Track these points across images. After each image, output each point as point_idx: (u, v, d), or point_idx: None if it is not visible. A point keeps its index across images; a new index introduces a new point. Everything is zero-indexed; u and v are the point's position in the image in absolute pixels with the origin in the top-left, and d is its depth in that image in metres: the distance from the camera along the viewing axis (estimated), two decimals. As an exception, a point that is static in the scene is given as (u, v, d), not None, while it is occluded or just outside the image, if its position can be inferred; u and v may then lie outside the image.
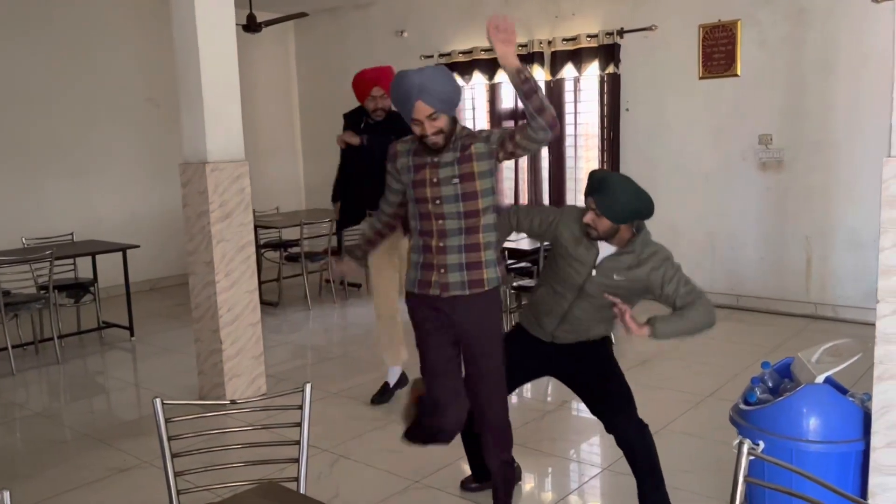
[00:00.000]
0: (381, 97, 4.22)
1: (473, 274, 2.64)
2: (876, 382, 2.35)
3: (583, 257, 2.83)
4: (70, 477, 3.63)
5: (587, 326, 2.93)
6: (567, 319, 2.92)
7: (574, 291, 2.87)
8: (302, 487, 2.03)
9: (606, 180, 2.74)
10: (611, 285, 2.79)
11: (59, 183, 7.28)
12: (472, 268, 2.63)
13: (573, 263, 2.84)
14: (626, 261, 2.81)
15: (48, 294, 5.52)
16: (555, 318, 2.93)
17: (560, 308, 2.90)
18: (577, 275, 2.83)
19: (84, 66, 7.34)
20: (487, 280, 2.68)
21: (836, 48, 5.70)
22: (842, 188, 5.81)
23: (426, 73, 2.58)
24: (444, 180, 2.57)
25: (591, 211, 2.73)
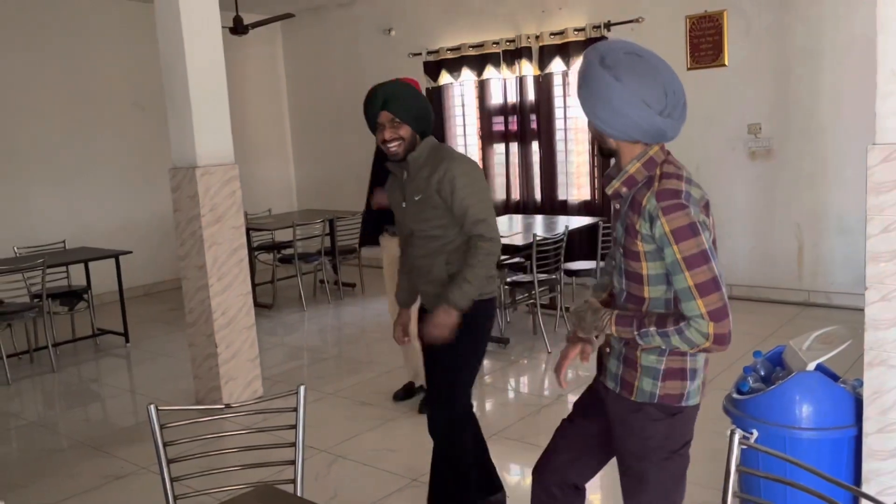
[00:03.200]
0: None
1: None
2: (867, 368, 2.37)
3: (395, 191, 2.82)
4: (66, 485, 3.63)
5: (430, 270, 2.74)
6: (417, 271, 2.81)
7: (406, 229, 2.81)
8: (299, 489, 2.04)
9: (386, 87, 2.71)
10: (419, 210, 2.68)
11: (48, 191, 7.25)
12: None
13: (396, 204, 2.82)
14: (423, 174, 2.67)
15: (42, 302, 5.51)
16: (413, 274, 2.87)
17: (410, 260, 2.84)
18: (401, 215, 2.81)
19: (71, 72, 7.31)
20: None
21: (820, 35, 5.72)
22: (830, 174, 5.84)
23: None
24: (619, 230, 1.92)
25: (387, 125, 2.64)
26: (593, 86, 1.77)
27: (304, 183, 9.50)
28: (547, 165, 7.26)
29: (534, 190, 7.43)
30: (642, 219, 1.75)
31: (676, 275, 1.73)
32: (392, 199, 2.88)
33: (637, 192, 1.80)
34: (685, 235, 1.70)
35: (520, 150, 7.45)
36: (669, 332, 1.75)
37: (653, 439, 1.87)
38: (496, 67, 7.42)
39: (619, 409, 1.91)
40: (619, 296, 1.91)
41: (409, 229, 2.78)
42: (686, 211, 1.71)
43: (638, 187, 1.81)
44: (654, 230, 1.73)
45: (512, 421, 4.10)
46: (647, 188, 1.77)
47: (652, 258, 1.78)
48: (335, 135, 8.89)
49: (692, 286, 1.71)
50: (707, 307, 1.72)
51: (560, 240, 5.32)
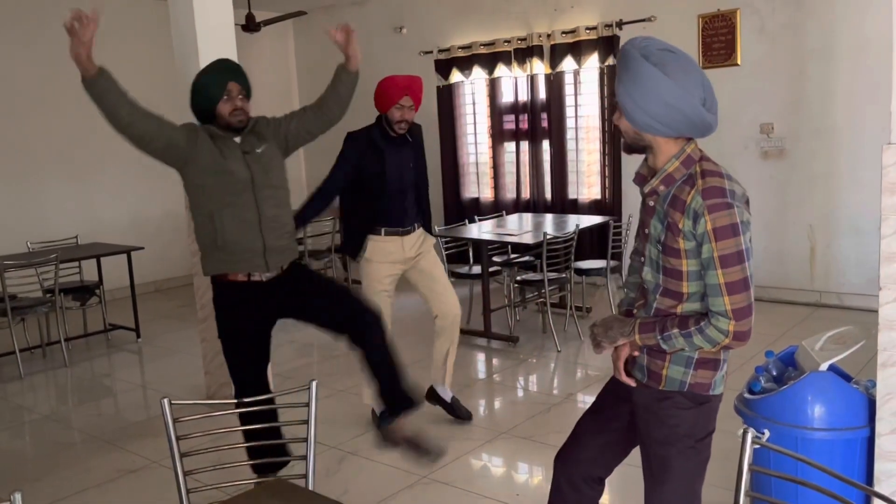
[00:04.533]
0: (410, 108, 3.79)
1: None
2: (880, 369, 2.36)
3: (228, 153, 2.84)
4: (79, 479, 3.66)
5: (287, 221, 2.98)
6: (266, 224, 2.85)
7: (248, 187, 2.84)
8: (310, 484, 2.05)
9: (231, 62, 3.10)
10: (264, 159, 2.89)
11: (62, 187, 7.30)
12: None
13: (226, 164, 2.82)
14: (255, 133, 2.94)
15: (54, 297, 5.55)
16: (255, 231, 2.84)
17: (250, 213, 2.83)
18: (237, 169, 2.82)
19: (84, 69, 7.35)
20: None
21: (835, 35, 5.69)
22: (844, 175, 5.81)
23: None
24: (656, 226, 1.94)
25: (236, 95, 2.89)
26: (645, 83, 1.76)
27: (315, 180, 9.46)
28: (557, 164, 7.24)
29: (544, 189, 7.42)
30: (686, 216, 1.77)
31: (710, 270, 1.77)
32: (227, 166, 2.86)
33: (678, 190, 1.81)
34: (726, 234, 1.74)
35: (530, 148, 7.44)
36: (692, 331, 1.79)
37: (680, 427, 1.89)
38: (507, 66, 7.41)
39: (646, 399, 1.93)
40: (652, 291, 1.92)
41: (251, 182, 2.85)
42: (731, 210, 1.75)
43: (678, 185, 1.82)
44: (696, 227, 1.76)
45: (521, 420, 4.10)
46: (689, 186, 1.79)
47: (692, 255, 1.80)
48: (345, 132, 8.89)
49: (722, 284, 1.75)
50: (732, 305, 1.76)
51: (570, 239, 5.32)
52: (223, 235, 2.82)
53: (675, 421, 1.89)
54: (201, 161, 2.82)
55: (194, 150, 2.81)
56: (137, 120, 2.74)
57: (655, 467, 1.93)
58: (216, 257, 2.88)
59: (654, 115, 1.79)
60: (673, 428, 1.89)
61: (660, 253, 1.85)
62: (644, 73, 1.76)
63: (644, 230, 1.93)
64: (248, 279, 2.89)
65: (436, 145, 7.79)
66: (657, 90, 1.75)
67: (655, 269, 1.89)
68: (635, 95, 1.78)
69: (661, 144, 1.85)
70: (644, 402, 1.94)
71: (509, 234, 5.55)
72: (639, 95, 1.78)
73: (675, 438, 1.89)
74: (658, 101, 1.76)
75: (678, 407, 1.89)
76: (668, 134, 1.83)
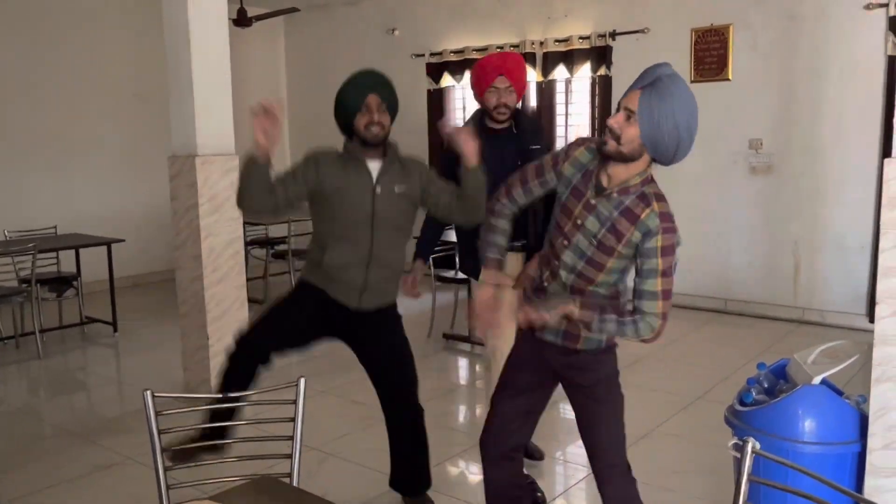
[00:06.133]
0: (507, 90, 3.20)
1: None
2: (874, 384, 2.34)
3: (356, 181, 2.73)
4: (50, 474, 3.55)
5: (396, 265, 2.87)
6: (375, 262, 2.76)
7: (367, 222, 2.72)
8: (295, 483, 1.98)
9: (377, 74, 2.88)
10: (395, 198, 2.75)
11: (41, 176, 7.16)
12: None
13: (350, 193, 2.71)
14: (395, 169, 2.80)
15: (30, 287, 5.43)
16: (360, 267, 2.76)
17: (362, 251, 2.74)
18: (361, 202, 2.71)
19: (69, 58, 7.23)
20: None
21: (826, 53, 5.73)
22: (830, 193, 5.84)
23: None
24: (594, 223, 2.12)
25: (375, 108, 2.77)
26: (685, 109, 1.96)
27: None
28: (546, 172, 7.22)
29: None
30: (637, 229, 2.03)
31: (650, 279, 2.04)
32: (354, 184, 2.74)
33: (632, 204, 2.04)
34: (669, 253, 2.04)
35: (519, 155, 7.40)
36: (626, 321, 2.07)
37: (601, 371, 2.25)
38: (499, 72, 7.38)
39: (568, 358, 2.24)
40: (568, 272, 2.16)
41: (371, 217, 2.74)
42: (676, 234, 2.07)
43: (631, 198, 2.05)
44: (645, 242, 2.03)
45: (505, 426, 4.05)
46: (644, 204, 2.03)
47: (620, 257, 2.08)
48: (333, 132, 8.79)
49: (660, 291, 2.03)
50: (663, 309, 2.05)
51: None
52: (329, 262, 2.77)
53: (596, 366, 2.24)
54: (325, 193, 2.74)
55: (318, 185, 2.73)
56: (276, 202, 2.69)
57: (589, 409, 2.25)
58: (317, 273, 2.84)
59: (678, 136, 1.98)
60: (596, 372, 2.24)
61: (590, 245, 2.09)
62: (688, 99, 1.96)
63: (577, 220, 2.12)
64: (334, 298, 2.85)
65: (425, 149, 7.75)
66: (691, 118, 1.98)
67: (579, 256, 2.13)
68: (676, 116, 1.95)
69: (640, 162, 2.05)
70: (566, 361, 2.25)
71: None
72: (680, 117, 1.95)
73: (599, 380, 2.25)
74: (688, 127, 1.98)
75: (597, 357, 2.24)
76: (665, 156, 2.05)
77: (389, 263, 2.83)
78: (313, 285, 2.85)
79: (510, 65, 3.22)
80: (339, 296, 2.81)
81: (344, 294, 2.80)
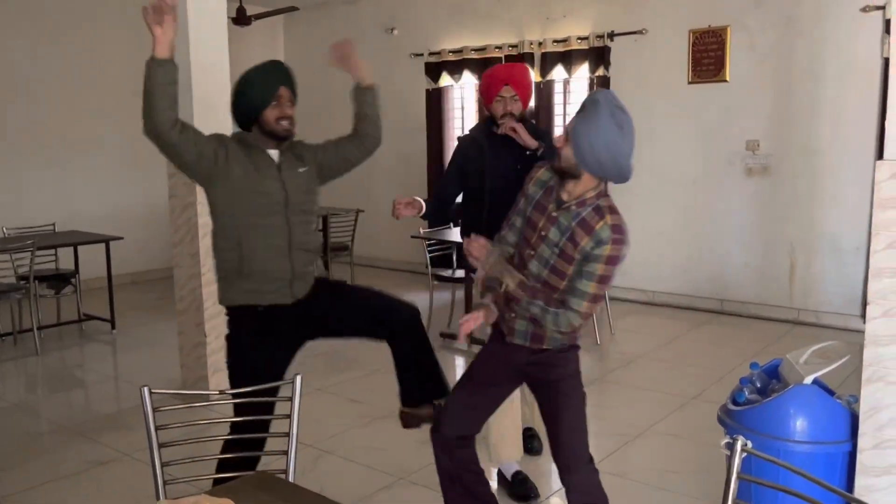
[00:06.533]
0: (512, 98, 3.29)
1: None
2: (864, 384, 2.37)
3: (263, 167, 2.62)
4: (48, 470, 3.57)
5: (314, 248, 2.77)
6: (296, 248, 2.66)
7: (281, 207, 2.62)
8: (291, 479, 2.00)
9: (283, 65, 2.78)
10: (301, 180, 2.70)
11: (40, 173, 7.17)
12: None
13: (260, 180, 2.60)
14: (293, 153, 2.75)
15: (28, 284, 5.44)
16: (284, 256, 2.63)
17: (282, 239, 2.63)
18: (272, 187, 2.61)
19: (68, 56, 7.24)
20: None
21: (823, 55, 5.75)
22: (826, 195, 5.86)
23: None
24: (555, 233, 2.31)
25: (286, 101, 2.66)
26: (604, 135, 2.16)
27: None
28: (544, 172, 7.24)
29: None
30: (591, 239, 2.22)
31: (587, 280, 2.23)
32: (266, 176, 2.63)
33: (588, 216, 2.25)
34: (613, 262, 2.22)
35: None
36: (550, 311, 2.26)
37: (567, 368, 2.43)
38: (498, 72, 7.41)
39: (534, 356, 2.42)
40: (531, 279, 2.34)
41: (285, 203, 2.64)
42: (625, 247, 2.24)
43: (587, 210, 2.25)
44: (596, 249, 2.21)
45: (501, 424, 4.07)
46: (599, 216, 2.23)
47: (577, 264, 2.26)
48: (331, 131, 8.82)
49: (591, 293, 2.22)
50: (588, 310, 2.25)
51: (555, 246, 5.31)
52: (250, 264, 2.59)
53: (562, 363, 2.42)
54: (232, 178, 2.57)
55: (225, 167, 2.56)
56: (178, 126, 2.48)
57: (555, 402, 2.41)
58: (239, 287, 2.62)
59: (601, 159, 2.19)
60: (562, 368, 2.42)
61: (553, 254, 2.28)
62: (605, 126, 2.15)
63: (540, 231, 2.32)
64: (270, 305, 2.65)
65: (423, 148, 7.76)
66: (611, 143, 2.16)
67: (543, 264, 2.32)
68: (592, 140, 2.16)
69: (587, 178, 2.25)
70: (535, 359, 2.42)
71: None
72: (596, 142, 2.16)
73: (564, 376, 2.42)
74: (608, 151, 2.17)
75: (562, 354, 2.42)
76: (599, 174, 2.25)
77: (308, 247, 2.73)
78: (243, 308, 2.64)
79: (517, 76, 3.34)
80: (273, 298, 2.63)
81: (276, 292, 2.63)
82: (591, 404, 4.51)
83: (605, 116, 2.15)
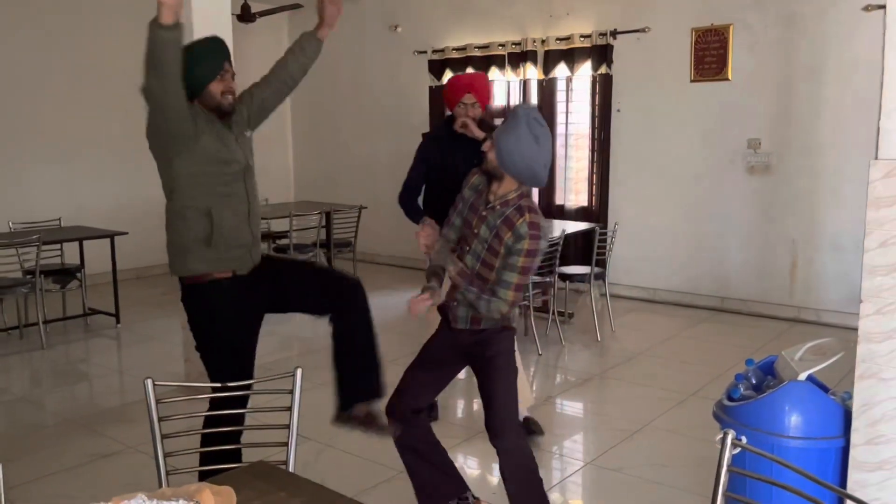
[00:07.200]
0: (474, 105, 3.75)
1: None
2: (857, 380, 2.39)
3: (222, 135, 2.67)
4: (52, 462, 3.62)
5: (260, 211, 2.87)
6: (252, 214, 2.75)
7: (241, 173, 2.70)
8: (291, 470, 2.04)
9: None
10: (248, 143, 2.83)
11: (46, 168, 7.22)
12: None
13: (225, 147, 2.66)
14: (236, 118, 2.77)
15: (34, 279, 5.49)
16: (245, 223, 2.71)
17: (244, 206, 2.70)
18: (234, 154, 2.68)
19: (74, 51, 7.29)
20: None
21: (825, 54, 5.77)
22: (827, 193, 5.88)
23: None
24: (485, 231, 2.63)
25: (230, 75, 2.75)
26: (521, 144, 2.47)
27: (303, 174, 9.49)
28: (546, 169, 7.26)
29: (532, 193, 7.43)
30: (512, 234, 2.54)
31: (511, 272, 2.55)
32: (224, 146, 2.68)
33: (511, 214, 2.56)
34: (532, 255, 2.54)
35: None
36: (483, 298, 2.57)
37: (501, 344, 2.73)
38: (500, 69, 7.44)
39: (475, 336, 2.72)
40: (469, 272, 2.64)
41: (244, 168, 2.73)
42: (541, 241, 2.57)
43: (510, 210, 2.57)
44: (516, 244, 2.52)
45: (500, 419, 4.10)
46: (519, 214, 2.55)
47: (502, 258, 2.57)
48: (335, 128, 8.90)
49: (514, 283, 2.54)
50: (513, 299, 2.56)
51: (556, 244, 5.34)
52: (220, 232, 2.60)
53: (497, 340, 2.72)
54: (204, 146, 2.59)
55: (195, 137, 2.57)
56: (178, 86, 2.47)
57: (490, 377, 2.70)
58: (200, 255, 2.64)
59: (517, 165, 2.50)
60: (497, 345, 2.71)
61: (483, 249, 2.61)
62: (524, 137, 2.47)
63: (473, 230, 2.65)
64: (233, 275, 2.69)
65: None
66: (526, 152, 2.47)
67: (476, 258, 2.65)
68: (511, 148, 2.48)
69: (509, 180, 2.57)
70: (475, 339, 2.73)
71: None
72: (514, 149, 2.48)
73: (499, 352, 2.71)
74: (523, 159, 2.49)
75: (497, 334, 2.71)
76: (517, 178, 2.56)
77: (258, 211, 2.82)
78: (206, 280, 2.66)
79: (478, 85, 3.81)
80: (236, 265, 2.68)
81: (239, 259, 2.69)
82: (591, 400, 4.57)
83: (524, 128, 2.47)
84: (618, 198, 6.86)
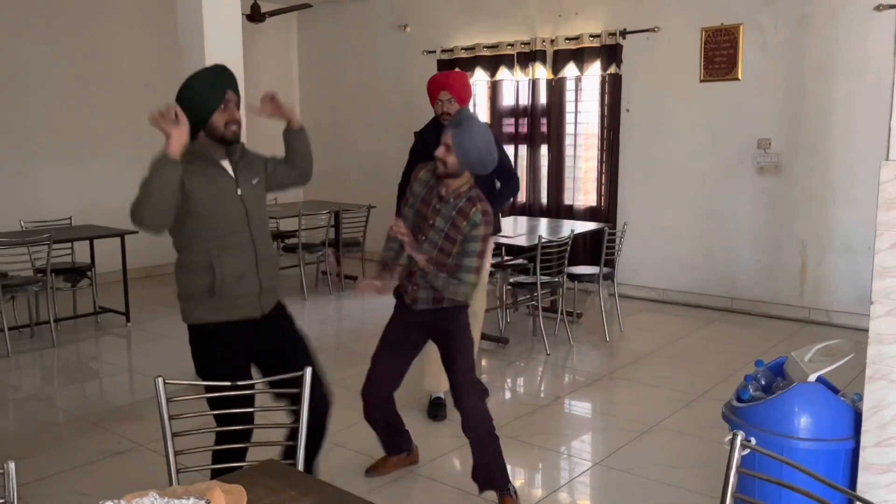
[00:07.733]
0: (449, 101, 4.02)
1: None
2: (867, 382, 2.38)
3: (222, 184, 2.59)
4: (64, 459, 3.64)
5: (275, 258, 2.81)
6: (262, 262, 2.68)
7: (244, 222, 2.62)
8: (300, 469, 2.05)
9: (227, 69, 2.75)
10: (256, 191, 2.70)
11: (57, 167, 7.27)
12: None
13: (221, 198, 2.58)
14: (244, 162, 2.70)
15: (45, 277, 5.53)
16: (252, 272, 2.64)
17: (249, 255, 2.63)
18: (233, 204, 2.60)
19: (83, 51, 7.33)
20: None
21: (835, 54, 5.74)
22: (838, 193, 5.85)
23: None
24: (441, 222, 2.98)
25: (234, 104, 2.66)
26: (481, 135, 2.88)
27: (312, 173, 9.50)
28: (555, 169, 7.27)
29: (541, 193, 7.44)
30: (467, 223, 2.88)
31: (471, 256, 2.88)
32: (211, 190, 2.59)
33: (464, 205, 2.91)
34: (486, 239, 2.91)
35: (529, 152, 7.47)
36: (452, 281, 2.89)
37: (461, 319, 3.11)
38: (510, 69, 7.44)
39: (435, 314, 3.07)
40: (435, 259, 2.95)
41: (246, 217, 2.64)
42: (492, 225, 2.97)
43: (463, 201, 2.92)
44: (473, 231, 2.87)
45: (508, 419, 4.11)
46: (471, 204, 2.90)
47: (460, 244, 2.91)
48: (344, 128, 8.91)
49: (474, 266, 2.89)
50: (474, 280, 2.90)
51: (565, 243, 5.34)
52: (222, 283, 2.56)
53: (456, 315, 3.08)
54: (195, 205, 2.52)
55: (186, 202, 2.50)
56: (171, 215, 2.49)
57: (452, 347, 3.08)
58: (208, 305, 2.60)
59: (481, 155, 2.89)
60: (457, 320, 3.09)
61: (440, 238, 2.93)
62: (481, 129, 2.91)
63: (428, 221, 2.96)
64: (241, 320, 2.66)
65: (434, 145, 7.79)
66: (481, 144, 2.87)
67: (433, 247, 2.95)
68: (476, 142, 2.86)
69: (465, 175, 2.94)
70: (437, 316, 3.07)
71: (504, 236, 5.57)
72: (478, 141, 2.86)
73: (457, 326, 3.10)
74: (479, 151, 2.87)
75: (455, 310, 3.08)
76: (478, 169, 2.93)
77: (271, 258, 2.75)
78: (212, 324, 2.63)
79: (452, 82, 4.07)
80: (243, 312, 2.65)
81: (246, 307, 2.65)
82: (599, 400, 4.57)
83: (476, 122, 2.96)
84: (627, 198, 6.85)
